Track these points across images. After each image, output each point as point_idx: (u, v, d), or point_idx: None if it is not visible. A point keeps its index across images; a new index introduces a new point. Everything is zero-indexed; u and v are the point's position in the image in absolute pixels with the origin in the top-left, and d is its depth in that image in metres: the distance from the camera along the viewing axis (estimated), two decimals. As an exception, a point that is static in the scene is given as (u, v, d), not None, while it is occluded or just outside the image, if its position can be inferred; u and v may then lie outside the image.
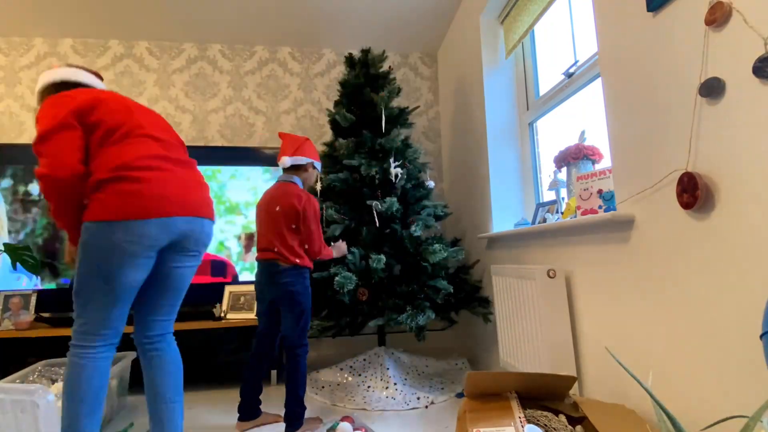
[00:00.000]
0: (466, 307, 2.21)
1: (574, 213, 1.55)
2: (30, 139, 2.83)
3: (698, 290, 1.05)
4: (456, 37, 2.88)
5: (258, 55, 3.18)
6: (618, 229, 1.32)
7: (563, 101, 1.90)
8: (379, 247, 2.13)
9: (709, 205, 1.01)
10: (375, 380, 2.11)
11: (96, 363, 1.20)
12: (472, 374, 1.25)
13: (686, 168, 1.07)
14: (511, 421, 1.13)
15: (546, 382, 1.26)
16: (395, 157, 2.25)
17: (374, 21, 2.91)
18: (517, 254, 1.99)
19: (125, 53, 3.03)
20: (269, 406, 2.01)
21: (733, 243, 0.95)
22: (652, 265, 1.19)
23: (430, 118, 3.36)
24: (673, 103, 1.12)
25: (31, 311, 2.31)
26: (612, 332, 1.36)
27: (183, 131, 3.03)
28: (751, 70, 0.91)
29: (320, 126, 3.19)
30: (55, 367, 1.91)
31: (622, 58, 1.31)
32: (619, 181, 1.32)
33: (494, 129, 2.32)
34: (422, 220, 2.16)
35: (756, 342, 0.91)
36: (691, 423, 1.06)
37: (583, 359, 1.50)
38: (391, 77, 2.46)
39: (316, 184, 2.33)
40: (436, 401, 1.95)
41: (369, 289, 2.04)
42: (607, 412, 1.17)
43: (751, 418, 0.64)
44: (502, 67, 2.38)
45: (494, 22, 2.41)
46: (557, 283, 1.55)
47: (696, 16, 1.04)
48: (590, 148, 1.62)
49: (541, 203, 1.95)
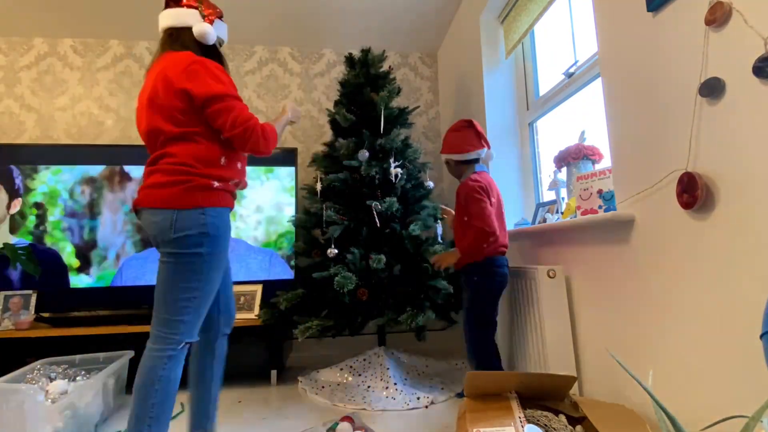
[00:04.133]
0: (466, 307, 2.21)
1: (574, 213, 1.55)
2: (30, 139, 2.83)
3: (698, 290, 1.05)
4: (456, 37, 2.88)
5: (258, 55, 3.18)
6: (618, 229, 1.32)
7: (563, 101, 1.90)
8: (379, 247, 2.12)
9: (709, 205, 1.01)
10: (375, 380, 2.11)
11: None
12: (472, 374, 1.25)
13: (686, 168, 1.07)
14: (511, 421, 1.13)
15: (546, 382, 1.26)
16: (395, 157, 2.25)
17: (374, 21, 2.91)
18: (517, 254, 1.99)
19: (125, 53, 3.03)
20: (269, 405, 2.01)
21: (733, 243, 0.95)
22: (652, 265, 1.19)
23: (430, 118, 3.36)
24: (673, 103, 1.12)
25: (31, 311, 2.31)
26: (612, 332, 1.36)
27: (183, 131, 3.03)
28: (751, 70, 0.91)
29: (320, 126, 3.19)
30: (54, 365, 1.91)
31: (622, 58, 1.31)
32: (619, 181, 1.32)
33: (494, 129, 2.32)
34: (422, 220, 2.16)
35: (756, 342, 0.91)
36: (691, 423, 1.06)
37: (583, 359, 1.50)
38: (391, 77, 2.46)
39: (317, 185, 2.33)
40: (436, 401, 1.95)
41: (369, 289, 2.04)
42: (607, 412, 1.17)
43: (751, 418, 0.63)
44: (502, 67, 2.38)
45: (494, 22, 2.41)
46: (557, 283, 1.55)
47: (696, 16, 1.04)
48: (590, 148, 1.62)
49: (541, 203, 1.95)
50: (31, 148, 2.57)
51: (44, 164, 2.54)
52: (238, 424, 1.81)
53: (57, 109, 2.91)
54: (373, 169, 2.16)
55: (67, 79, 2.95)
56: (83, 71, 2.97)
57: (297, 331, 1.98)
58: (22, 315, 2.26)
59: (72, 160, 2.57)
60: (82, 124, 2.92)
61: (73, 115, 2.92)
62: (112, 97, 2.98)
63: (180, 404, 2.07)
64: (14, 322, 2.23)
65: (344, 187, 2.25)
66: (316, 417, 1.84)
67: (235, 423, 1.82)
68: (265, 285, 2.60)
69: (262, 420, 1.84)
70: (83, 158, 2.59)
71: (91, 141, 2.91)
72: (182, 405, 2.06)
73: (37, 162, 2.54)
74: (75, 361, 2.03)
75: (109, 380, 1.93)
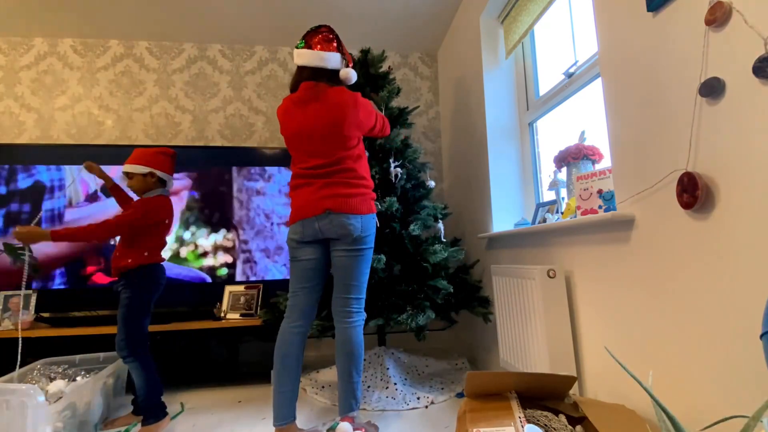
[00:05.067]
0: (466, 307, 2.21)
1: (574, 213, 1.55)
2: (30, 139, 2.84)
3: (698, 290, 1.05)
4: (456, 37, 2.88)
5: (258, 55, 3.18)
6: (618, 229, 1.32)
7: (563, 101, 1.90)
8: (379, 247, 2.13)
9: (709, 205, 1.01)
10: (375, 380, 2.11)
11: None
12: (472, 374, 1.25)
13: (686, 168, 1.07)
14: (511, 421, 1.13)
15: (546, 382, 1.26)
16: (395, 157, 2.25)
17: (374, 21, 2.91)
18: (517, 254, 1.99)
19: (125, 53, 3.03)
20: (270, 405, 2.01)
21: (733, 243, 0.95)
22: (652, 265, 1.19)
23: (430, 118, 3.36)
24: (673, 103, 1.12)
25: (31, 311, 2.31)
26: (612, 332, 1.36)
27: (183, 131, 3.03)
28: (751, 70, 0.91)
29: (320, 126, 3.19)
30: (54, 365, 1.91)
31: (622, 58, 1.31)
32: (619, 181, 1.32)
33: (494, 129, 2.32)
34: (422, 220, 2.16)
35: (756, 342, 0.91)
36: (691, 423, 1.06)
37: (583, 359, 1.50)
38: (391, 77, 2.45)
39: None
40: (436, 401, 1.95)
41: (369, 289, 2.04)
42: (607, 412, 1.17)
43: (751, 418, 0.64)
44: (502, 67, 2.38)
45: (494, 22, 2.41)
46: (557, 283, 1.55)
47: (696, 16, 1.04)
48: (590, 148, 1.62)
49: (541, 203, 1.95)
50: (31, 148, 2.57)
51: (44, 164, 2.54)
52: (238, 424, 1.81)
53: (57, 109, 2.91)
54: (373, 169, 2.16)
55: (67, 79, 2.95)
56: (83, 71, 2.97)
57: (297, 331, 1.98)
58: (22, 315, 2.26)
59: (72, 160, 2.58)
60: (81, 124, 2.92)
61: (73, 115, 2.92)
62: (112, 97, 2.98)
63: (180, 404, 2.07)
64: (14, 322, 2.23)
65: (344, 187, 2.24)
66: (316, 417, 1.84)
67: (235, 423, 1.82)
68: (265, 285, 2.60)
69: (262, 420, 1.84)
70: (83, 158, 2.59)
71: (90, 141, 2.91)
72: (182, 405, 2.06)
73: (37, 162, 2.54)
74: (75, 361, 2.03)
75: (109, 380, 1.93)
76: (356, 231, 1.57)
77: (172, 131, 3.01)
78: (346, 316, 1.61)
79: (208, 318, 2.43)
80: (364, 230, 1.59)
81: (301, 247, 1.63)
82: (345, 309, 1.61)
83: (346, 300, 1.61)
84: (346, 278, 1.61)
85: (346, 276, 1.61)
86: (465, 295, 2.22)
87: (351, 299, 1.61)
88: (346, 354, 1.57)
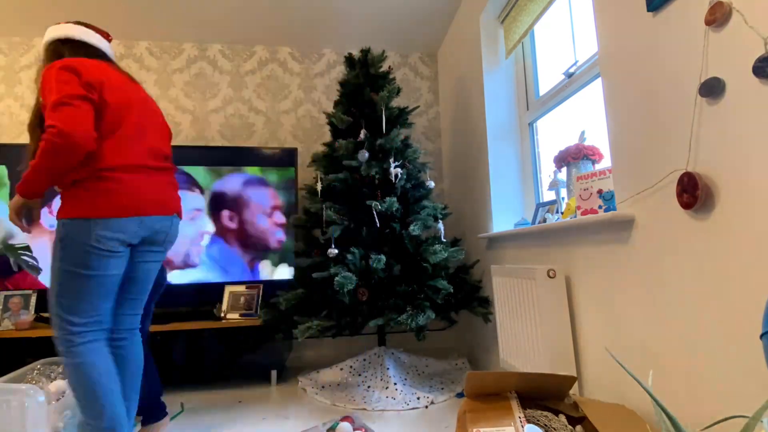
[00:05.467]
0: (466, 307, 2.21)
1: (574, 213, 1.55)
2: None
3: (698, 290, 1.05)
4: (456, 37, 2.88)
5: (258, 55, 3.18)
6: (618, 229, 1.32)
7: (563, 101, 1.90)
8: (379, 247, 2.13)
9: (709, 205, 1.01)
10: (375, 380, 2.11)
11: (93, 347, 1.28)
12: (472, 374, 1.25)
13: (686, 168, 1.07)
14: (511, 421, 1.13)
15: (546, 382, 1.26)
16: (395, 157, 2.25)
17: (374, 21, 2.91)
18: (517, 254, 1.99)
19: (125, 53, 3.03)
20: (269, 405, 2.01)
21: (733, 243, 0.95)
22: (652, 265, 1.19)
23: (430, 118, 3.36)
24: (673, 103, 1.12)
25: (31, 311, 2.31)
26: (612, 332, 1.36)
27: (183, 131, 3.03)
28: (751, 70, 0.91)
29: (320, 126, 3.19)
30: (54, 365, 1.91)
31: (622, 58, 1.31)
32: (619, 181, 1.32)
33: (494, 129, 2.32)
34: (422, 220, 2.16)
35: (756, 342, 0.91)
36: (691, 423, 1.06)
37: (583, 359, 1.50)
38: (391, 77, 2.46)
39: (317, 185, 2.33)
40: (436, 401, 1.95)
41: (369, 289, 2.04)
42: (607, 412, 1.17)
43: (751, 418, 0.63)
44: (502, 67, 2.38)
45: (494, 22, 2.41)
46: (557, 283, 1.55)
47: (696, 16, 1.04)
48: (590, 148, 1.62)
49: (541, 203, 1.95)
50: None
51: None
52: (238, 424, 1.81)
53: (57, 109, 2.91)
54: (373, 169, 2.16)
55: (67, 79, 2.95)
56: (83, 71, 2.97)
57: (297, 331, 1.98)
58: (22, 315, 2.26)
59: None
60: (82, 124, 2.91)
61: (73, 115, 2.92)
62: (112, 97, 2.98)
63: (180, 404, 2.07)
64: (14, 322, 2.23)
65: (344, 187, 2.25)
66: (316, 417, 1.84)
67: (235, 423, 1.82)
68: (265, 285, 2.60)
69: (262, 420, 1.84)
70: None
71: (91, 141, 2.90)
72: (182, 405, 2.06)
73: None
74: (75, 361, 2.02)
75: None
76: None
77: (172, 131, 3.01)
78: (137, 335, 1.49)
79: (208, 318, 2.43)
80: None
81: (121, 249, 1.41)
82: (135, 327, 1.49)
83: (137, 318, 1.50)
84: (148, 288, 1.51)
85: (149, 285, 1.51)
86: (465, 295, 2.22)
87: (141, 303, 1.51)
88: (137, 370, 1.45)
